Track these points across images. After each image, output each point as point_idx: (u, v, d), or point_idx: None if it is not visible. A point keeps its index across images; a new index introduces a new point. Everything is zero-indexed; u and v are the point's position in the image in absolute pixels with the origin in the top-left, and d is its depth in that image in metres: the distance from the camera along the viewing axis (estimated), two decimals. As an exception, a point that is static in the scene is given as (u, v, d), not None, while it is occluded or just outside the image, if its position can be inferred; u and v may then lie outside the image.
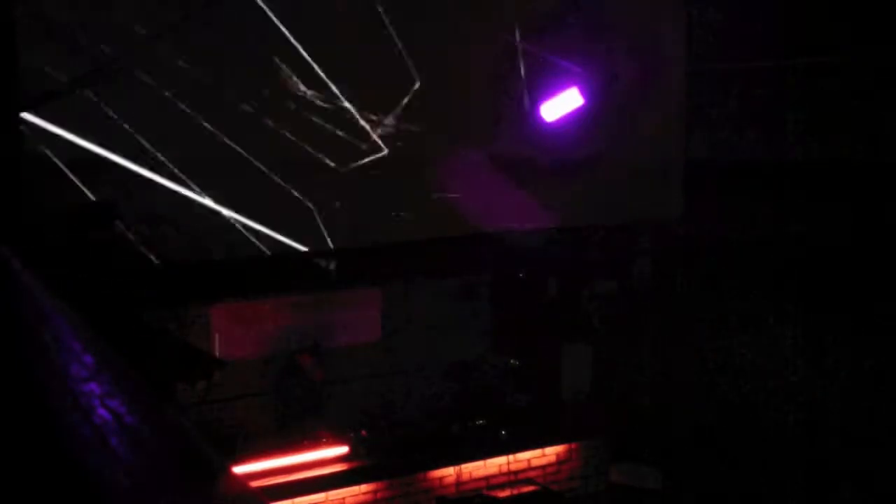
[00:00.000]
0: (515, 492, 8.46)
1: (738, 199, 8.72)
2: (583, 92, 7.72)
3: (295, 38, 7.36)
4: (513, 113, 8.25)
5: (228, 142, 7.20)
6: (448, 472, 8.34)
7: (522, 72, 8.10)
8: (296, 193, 7.52)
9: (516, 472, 8.65)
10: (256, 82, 7.32)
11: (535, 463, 8.74)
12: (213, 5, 6.89)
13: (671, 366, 9.33)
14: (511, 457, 8.60)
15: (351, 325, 9.07)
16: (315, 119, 7.54)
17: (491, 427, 8.65)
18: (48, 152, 6.55)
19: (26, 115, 6.47)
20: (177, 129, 7.00)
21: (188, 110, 7.01)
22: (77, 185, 6.71)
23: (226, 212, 7.31)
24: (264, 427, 8.58)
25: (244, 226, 7.38)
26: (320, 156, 7.55)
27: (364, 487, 7.99)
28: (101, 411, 1.61)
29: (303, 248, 7.62)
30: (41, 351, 2.11)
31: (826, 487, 8.06)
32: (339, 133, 7.64)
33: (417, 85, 7.78)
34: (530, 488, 8.54)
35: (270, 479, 7.73)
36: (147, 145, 6.90)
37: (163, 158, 6.97)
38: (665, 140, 9.06)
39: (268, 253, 7.44)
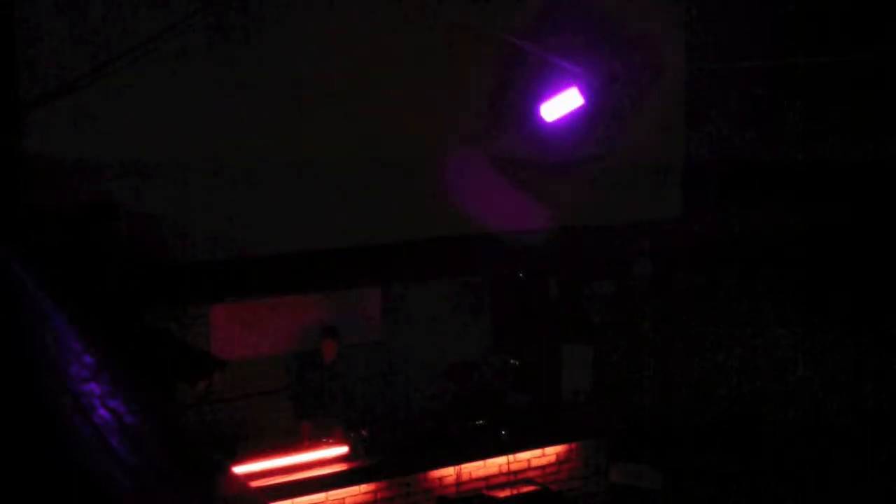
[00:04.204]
0: (515, 492, 8.46)
1: (738, 199, 8.72)
2: (583, 92, 7.71)
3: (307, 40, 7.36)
4: (513, 113, 8.25)
5: (229, 142, 7.19)
6: (448, 472, 8.33)
7: (523, 72, 8.11)
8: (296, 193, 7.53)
9: (516, 472, 8.65)
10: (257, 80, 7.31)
11: (535, 463, 8.74)
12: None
13: (671, 366, 9.32)
14: (511, 457, 8.60)
15: (351, 324, 9.07)
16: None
17: (491, 427, 8.65)
18: (48, 152, 6.55)
19: (26, 115, 6.46)
20: (178, 129, 7.00)
21: (188, 110, 7.01)
22: (77, 185, 6.71)
23: (227, 211, 7.31)
24: (264, 427, 8.59)
25: (245, 226, 7.38)
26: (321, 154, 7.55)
27: (364, 487, 7.98)
28: (101, 411, 1.61)
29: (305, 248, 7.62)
30: (41, 351, 2.11)
31: (826, 487, 8.06)
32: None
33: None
34: (530, 488, 8.54)
35: (270, 479, 7.73)
36: (146, 145, 6.90)
37: (164, 158, 6.97)
38: (665, 140, 9.06)
39: (269, 252, 7.44)
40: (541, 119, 7.96)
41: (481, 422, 8.68)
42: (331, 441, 8.20)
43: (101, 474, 1.49)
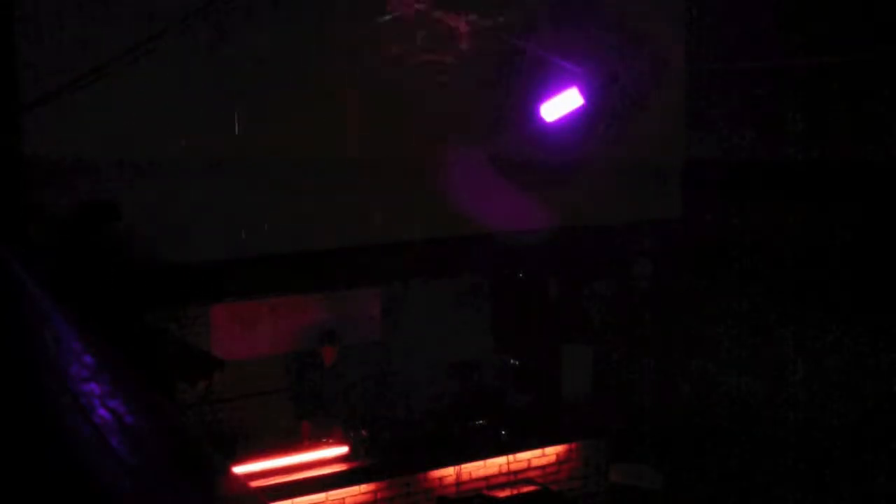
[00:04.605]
0: (515, 492, 8.46)
1: (737, 199, 8.71)
2: (583, 92, 7.71)
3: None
4: (513, 113, 8.25)
5: (229, 142, 7.19)
6: (448, 472, 8.33)
7: (523, 72, 8.10)
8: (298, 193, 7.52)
9: (516, 472, 8.65)
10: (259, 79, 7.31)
11: (535, 463, 8.74)
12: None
13: (671, 366, 9.32)
14: (511, 457, 8.60)
15: (351, 324, 9.07)
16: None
17: (491, 427, 8.65)
18: (48, 152, 6.54)
19: (26, 115, 6.46)
20: (177, 129, 7.00)
21: (188, 110, 7.01)
22: (77, 185, 6.71)
23: (227, 211, 7.31)
24: (264, 427, 8.58)
25: (245, 226, 7.38)
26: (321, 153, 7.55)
27: (364, 487, 7.98)
28: (101, 411, 1.61)
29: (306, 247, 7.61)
30: (41, 351, 2.11)
31: (826, 487, 8.06)
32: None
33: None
34: (530, 488, 8.54)
35: (270, 479, 7.73)
36: (146, 145, 6.89)
37: (164, 157, 6.97)
38: (665, 140, 9.06)
39: (269, 252, 7.44)
40: (541, 119, 7.96)
41: (481, 422, 8.68)
42: (331, 441, 8.19)
43: (101, 474, 1.49)
